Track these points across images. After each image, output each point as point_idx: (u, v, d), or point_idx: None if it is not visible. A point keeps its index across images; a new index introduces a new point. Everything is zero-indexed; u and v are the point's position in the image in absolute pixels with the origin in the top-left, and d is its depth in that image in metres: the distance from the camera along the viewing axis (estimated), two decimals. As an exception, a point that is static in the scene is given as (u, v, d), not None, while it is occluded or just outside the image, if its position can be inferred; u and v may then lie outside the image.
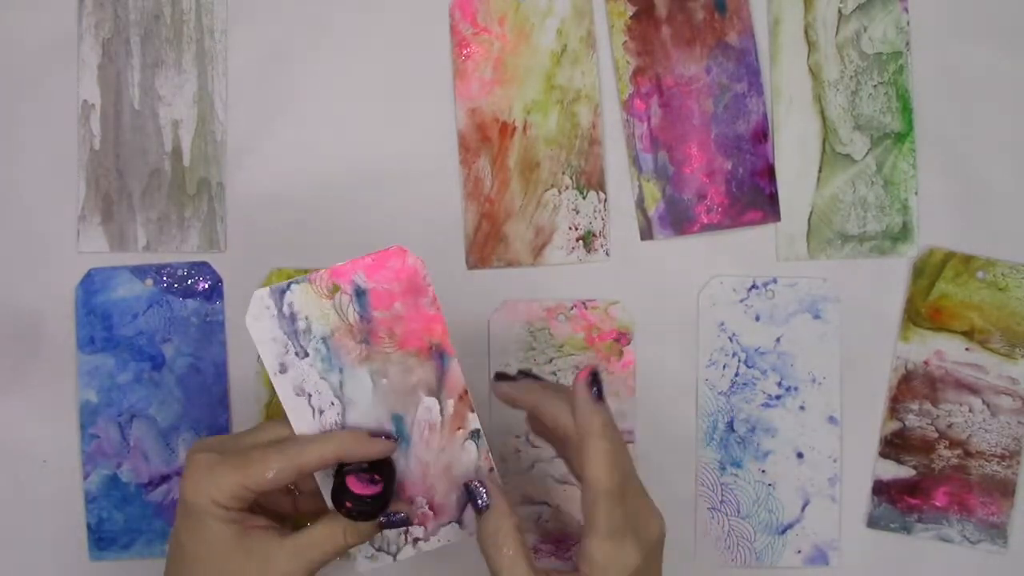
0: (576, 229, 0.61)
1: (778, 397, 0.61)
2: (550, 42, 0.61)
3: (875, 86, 0.61)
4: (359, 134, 0.61)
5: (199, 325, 0.60)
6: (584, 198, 0.61)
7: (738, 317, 0.61)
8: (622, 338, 0.60)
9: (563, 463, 0.52)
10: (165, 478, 0.59)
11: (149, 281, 0.60)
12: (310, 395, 0.46)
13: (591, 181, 0.61)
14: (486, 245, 0.61)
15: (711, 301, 0.61)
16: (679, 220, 0.61)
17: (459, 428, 0.48)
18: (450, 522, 0.49)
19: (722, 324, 0.61)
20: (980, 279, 0.60)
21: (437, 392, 0.47)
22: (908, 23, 0.61)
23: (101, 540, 0.59)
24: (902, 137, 0.61)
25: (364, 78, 0.61)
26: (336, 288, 0.46)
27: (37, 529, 0.60)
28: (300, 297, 0.46)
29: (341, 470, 0.46)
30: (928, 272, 0.60)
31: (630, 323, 0.61)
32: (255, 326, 0.46)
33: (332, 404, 0.47)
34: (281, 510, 0.50)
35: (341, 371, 0.47)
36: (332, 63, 0.61)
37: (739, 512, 0.60)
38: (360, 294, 0.46)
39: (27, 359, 0.60)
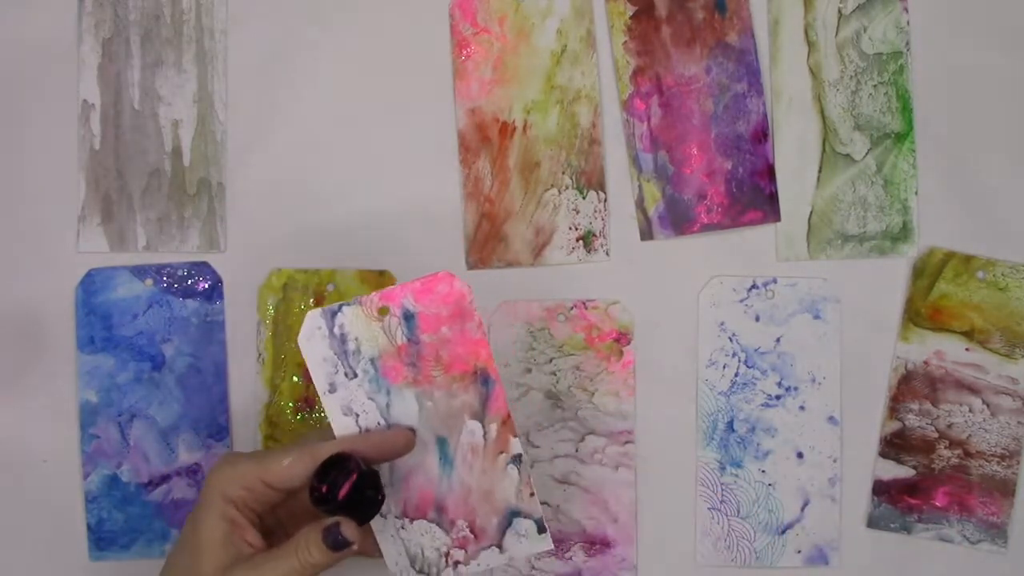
0: (576, 229, 0.61)
1: (778, 397, 0.60)
2: (550, 42, 0.61)
3: (875, 86, 0.61)
4: (359, 134, 0.61)
5: (199, 325, 0.60)
6: (584, 198, 0.61)
7: (738, 317, 0.61)
8: (622, 338, 0.60)
9: (563, 463, 0.52)
10: (165, 478, 0.59)
11: (149, 281, 0.60)
12: (357, 415, 0.48)
13: (591, 181, 0.61)
14: (486, 245, 0.61)
15: (711, 301, 0.61)
16: (679, 220, 0.61)
17: (501, 452, 0.49)
18: (490, 546, 0.49)
19: (722, 324, 0.61)
20: (980, 279, 0.60)
21: (481, 416, 0.48)
22: (908, 23, 0.61)
23: (101, 540, 0.59)
24: (902, 137, 0.61)
25: (364, 78, 0.61)
26: (385, 311, 0.47)
27: (37, 529, 0.60)
28: (351, 319, 0.47)
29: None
30: (928, 272, 0.60)
31: (630, 323, 0.60)
32: (307, 346, 0.47)
33: (379, 424, 0.48)
34: None
35: (388, 392, 0.48)
36: (332, 63, 0.61)
37: (739, 512, 0.60)
38: (408, 317, 0.47)
39: (27, 359, 0.60)
